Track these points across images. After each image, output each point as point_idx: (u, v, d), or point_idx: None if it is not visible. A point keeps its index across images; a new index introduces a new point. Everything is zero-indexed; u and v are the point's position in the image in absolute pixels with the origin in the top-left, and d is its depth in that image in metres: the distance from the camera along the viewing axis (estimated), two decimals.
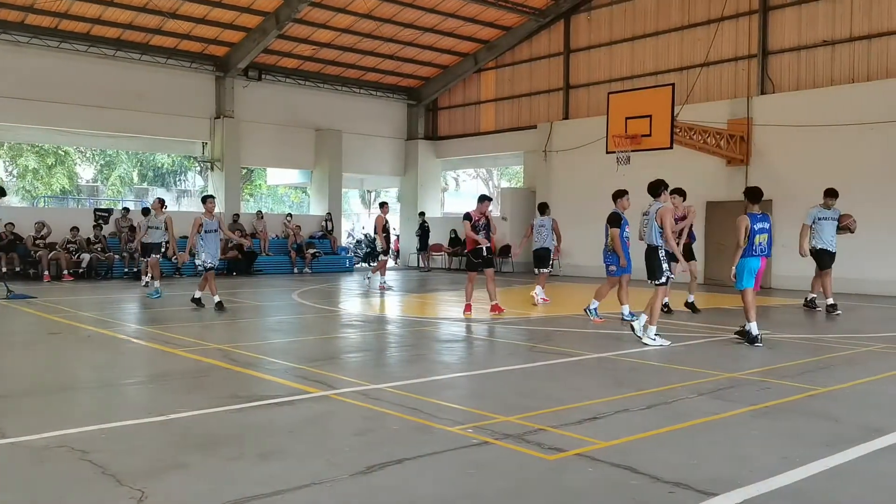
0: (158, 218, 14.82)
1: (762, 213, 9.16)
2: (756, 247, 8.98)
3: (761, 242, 8.99)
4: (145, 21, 20.65)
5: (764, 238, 9.00)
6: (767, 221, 9.14)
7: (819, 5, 17.92)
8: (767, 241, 9.06)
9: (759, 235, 8.94)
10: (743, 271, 9.05)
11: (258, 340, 9.47)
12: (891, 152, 16.05)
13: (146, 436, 5.02)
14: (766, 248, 9.07)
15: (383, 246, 16.99)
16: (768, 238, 9.06)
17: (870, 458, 4.56)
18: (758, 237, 8.95)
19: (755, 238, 8.95)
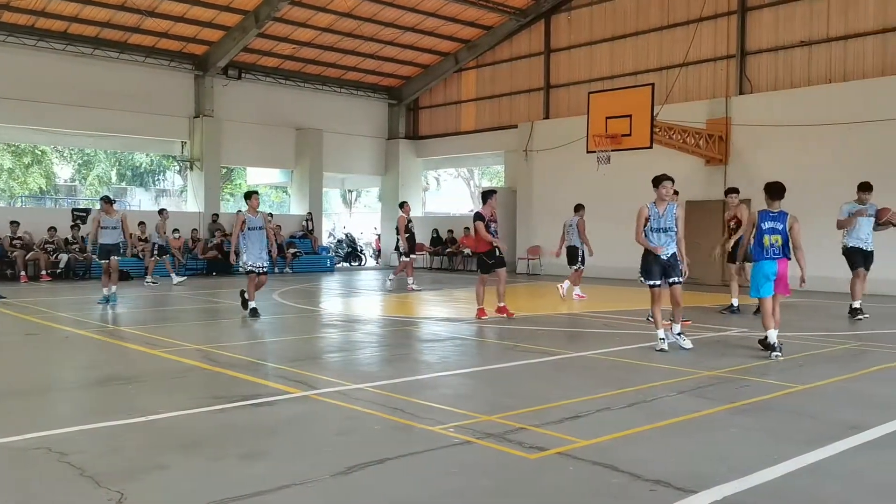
0: (113, 218, 13.56)
1: (780, 211, 8.16)
2: (767, 249, 8.09)
3: (773, 244, 8.07)
4: (123, 19, 20.45)
5: (777, 239, 8.06)
6: (781, 221, 8.10)
7: (796, 6, 18.11)
8: (783, 243, 8.08)
9: (768, 236, 8.07)
10: (757, 276, 8.18)
11: (238, 341, 9.41)
12: (868, 152, 16.25)
13: (125, 437, 4.97)
14: (780, 250, 8.09)
15: (405, 247, 16.85)
16: (783, 240, 8.06)
17: (848, 454, 4.61)
18: (767, 237, 8.07)
19: (764, 239, 8.08)
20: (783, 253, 8.09)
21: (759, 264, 8.13)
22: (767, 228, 8.08)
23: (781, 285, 8.19)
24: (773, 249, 8.05)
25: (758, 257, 8.13)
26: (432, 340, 9.71)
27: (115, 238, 13.42)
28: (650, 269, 8.43)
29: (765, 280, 8.10)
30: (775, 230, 8.07)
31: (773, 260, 8.06)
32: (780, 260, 8.10)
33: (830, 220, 12.94)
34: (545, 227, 22.01)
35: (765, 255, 8.07)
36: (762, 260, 8.09)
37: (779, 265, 8.10)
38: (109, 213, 13.52)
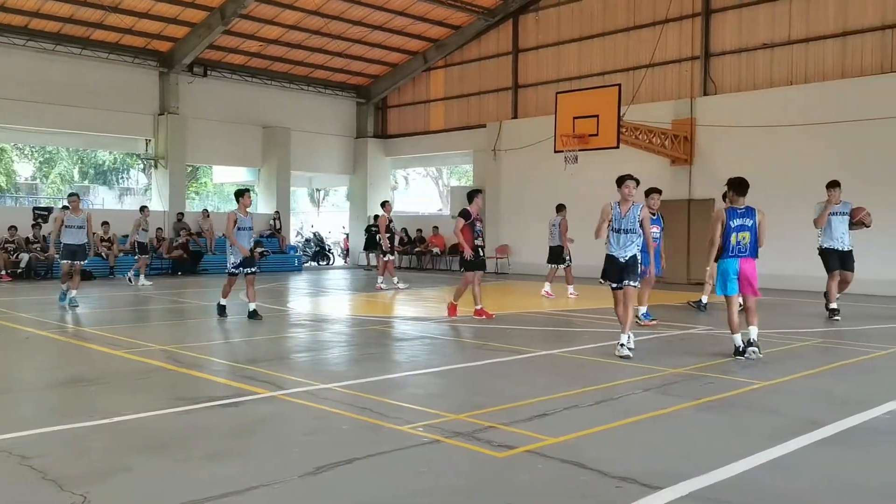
0: (79, 216, 12.73)
1: (746, 207, 7.92)
2: (733, 247, 7.84)
3: (739, 241, 7.82)
4: (86, 15, 20.08)
5: (744, 237, 7.81)
6: (750, 217, 7.86)
7: (759, 9, 18.42)
8: (750, 241, 7.83)
9: (736, 233, 7.82)
10: (721, 274, 7.98)
11: (204, 341, 9.30)
12: (828, 153, 16.58)
13: (89, 439, 4.88)
14: (746, 248, 7.84)
15: (387, 246, 16.74)
16: (751, 237, 7.82)
17: (809, 449, 4.71)
18: (734, 235, 7.82)
19: (731, 236, 7.83)
20: (749, 252, 7.83)
21: (722, 262, 7.94)
22: (736, 226, 7.83)
23: (748, 286, 7.90)
24: (740, 247, 7.82)
25: (723, 255, 7.92)
26: (401, 340, 9.70)
27: (81, 238, 12.69)
28: (607, 270, 8.19)
29: (726, 279, 7.91)
30: (744, 227, 7.82)
31: (735, 258, 7.83)
32: (745, 259, 7.84)
33: (793, 218, 13.21)
34: (513, 226, 22.14)
35: (729, 252, 7.84)
36: (726, 258, 7.89)
37: (741, 264, 7.84)
38: (76, 211, 12.79)
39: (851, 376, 7.13)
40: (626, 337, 7.94)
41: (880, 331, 10.39)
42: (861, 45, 16.96)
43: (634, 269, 8.08)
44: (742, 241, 7.80)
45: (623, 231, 8.03)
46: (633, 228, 8.03)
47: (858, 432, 5.09)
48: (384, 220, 16.75)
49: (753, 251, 7.87)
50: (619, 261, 8.04)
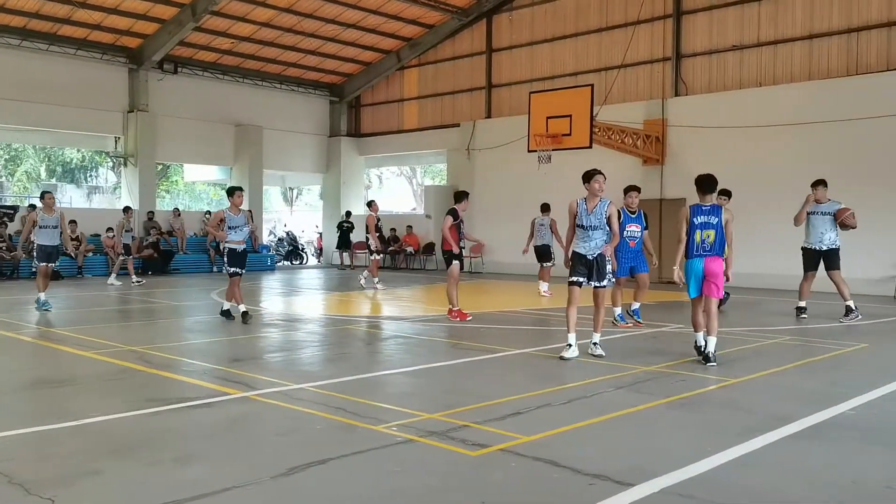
0: (53, 216, 12.03)
1: (712, 205, 7.58)
2: (697, 245, 7.51)
3: (704, 240, 7.47)
4: (53, 10, 19.74)
5: (709, 235, 7.45)
6: (716, 215, 7.50)
7: (729, 11, 18.66)
8: (716, 240, 7.46)
9: (700, 231, 7.49)
10: (688, 275, 7.63)
11: (175, 341, 9.19)
12: (795, 153, 16.86)
13: (57, 442, 4.80)
14: (711, 246, 7.47)
15: (376, 246, 16.63)
16: (717, 235, 7.46)
17: (777, 445, 4.78)
18: (699, 233, 7.49)
19: (695, 234, 7.50)
20: (715, 250, 7.49)
21: (688, 262, 7.63)
22: (701, 223, 7.51)
23: (711, 285, 7.50)
24: (704, 246, 7.48)
25: (688, 254, 7.61)
26: (375, 339, 9.67)
27: (56, 239, 12.09)
28: (574, 265, 7.88)
29: (691, 279, 7.60)
30: (709, 225, 7.49)
31: (700, 258, 7.51)
32: (711, 258, 7.49)
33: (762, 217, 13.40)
34: (487, 225, 22.15)
35: (694, 252, 7.53)
36: (691, 257, 7.58)
37: (707, 264, 7.48)
38: (49, 210, 12.02)
39: (819, 373, 7.25)
40: (598, 336, 7.92)
41: (847, 328, 10.57)
42: (827, 48, 17.26)
43: (603, 268, 7.83)
44: (707, 240, 7.48)
45: (590, 227, 7.76)
46: (599, 225, 7.74)
47: (825, 428, 5.18)
48: (372, 220, 16.64)
49: (720, 250, 7.51)
50: (587, 258, 7.80)
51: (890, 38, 16.46)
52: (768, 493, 3.93)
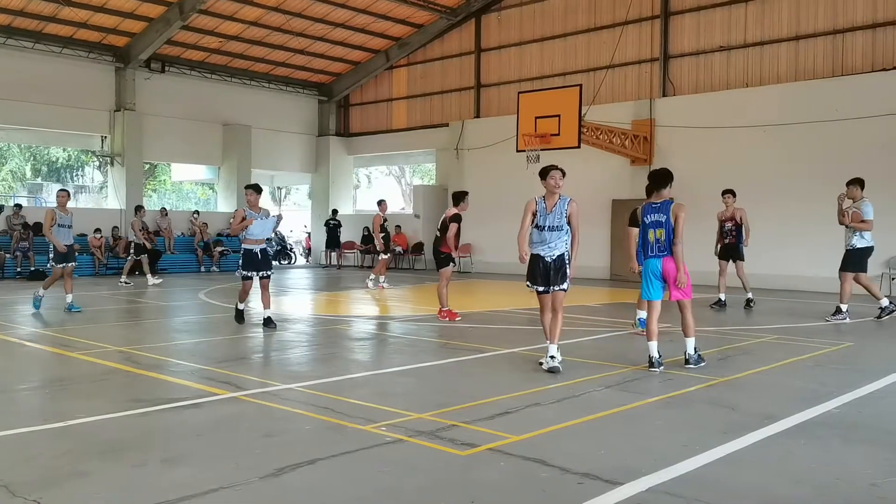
0: (68, 215, 11.82)
1: (663, 201, 7.17)
2: (651, 245, 7.15)
3: (658, 239, 7.09)
4: (38, 8, 19.60)
5: (661, 234, 7.07)
6: (664, 212, 7.09)
7: (716, 12, 18.77)
8: (667, 239, 7.06)
9: (652, 230, 7.12)
10: (644, 277, 7.32)
11: (162, 342, 9.15)
12: (782, 153, 16.99)
13: (42, 444, 4.77)
14: (665, 246, 7.09)
15: (381, 246, 16.56)
16: (666, 234, 7.06)
17: (763, 443, 4.81)
18: (651, 232, 7.12)
19: (647, 233, 7.15)
20: (666, 250, 7.07)
21: (645, 262, 7.25)
22: (651, 222, 7.11)
23: (674, 288, 7.11)
24: (658, 245, 7.07)
25: (644, 255, 7.22)
26: (364, 339, 9.65)
27: (70, 238, 11.81)
28: (532, 272, 7.26)
29: (650, 281, 7.17)
30: (658, 223, 7.07)
31: (657, 258, 7.10)
32: (668, 259, 7.07)
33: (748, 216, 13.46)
34: (476, 225, 22.16)
35: (649, 252, 7.15)
36: (647, 258, 7.19)
37: (665, 264, 7.08)
38: (64, 209, 11.70)
39: (804, 372, 7.30)
40: (555, 348, 7.13)
41: (830, 327, 10.65)
42: (813, 49, 17.40)
43: (563, 270, 7.18)
44: (660, 239, 7.07)
45: (548, 228, 7.16)
46: (560, 225, 7.16)
47: (810, 426, 5.22)
48: (378, 220, 16.58)
49: (670, 249, 7.07)
50: (546, 260, 7.19)
51: (875, 40, 16.61)
52: (754, 491, 3.96)
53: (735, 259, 12.76)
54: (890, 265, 15.66)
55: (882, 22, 16.49)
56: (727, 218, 12.78)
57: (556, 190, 7.22)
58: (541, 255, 7.22)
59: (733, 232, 12.71)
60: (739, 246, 12.76)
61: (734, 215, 12.73)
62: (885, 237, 15.79)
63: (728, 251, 12.82)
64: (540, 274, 7.22)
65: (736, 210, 12.75)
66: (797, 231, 16.60)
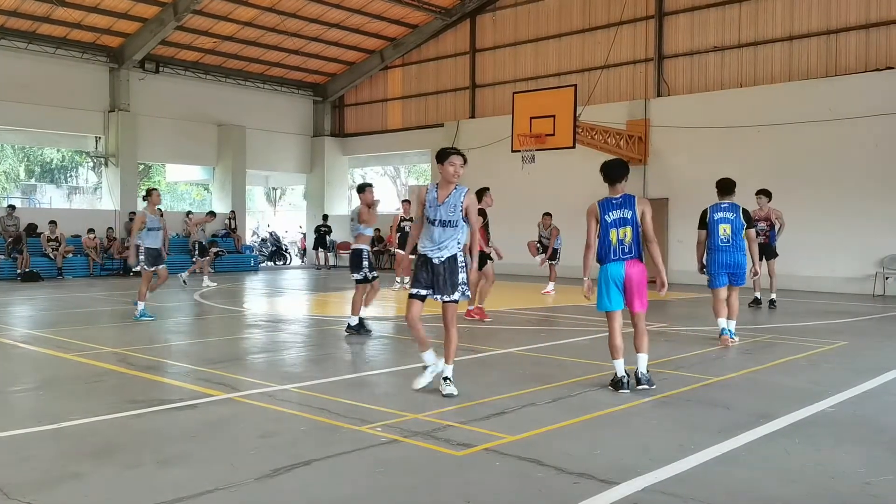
0: (157, 216, 11.18)
1: (624, 195, 6.25)
2: (614, 247, 6.15)
3: (622, 239, 6.13)
4: (32, 8, 19.54)
5: (626, 233, 6.12)
6: (630, 207, 6.16)
7: (710, 13, 18.81)
8: (633, 238, 6.13)
9: (615, 230, 6.15)
10: (600, 284, 6.26)
11: (157, 343, 9.12)
12: (776, 153, 17.03)
13: (36, 445, 4.75)
14: (630, 248, 6.13)
15: (394, 246, 16.59)
16: (633, 233, 6.13)
17: (758, 442, 4.82)
18: (614, 232, 6.15)
19: (609, 234, 6.16)
20: (633, 252, 6.18)
21: (602, 268, 6.26)
22: (614, 220, 6.15)
23: (636, 297, 6.19)
24: (623, 248, 6.13)
25: (603, 258, 6.24)
26: (359, 340, 9.64)
27: (159, 241, 11.20)
28: (415, 273, 6.07)
29: (609, 288, 6.21)
30: (625, 221, 6.14)
31: (619, 262, 6.16)
32: (632, 262, 6.17)
33: None
34: None
35: (612, 255, 6.18)
36: (606, 262, 6.21)
37: (628, 269, 6.16)
38: (154, 210, 11.20)
39: (799, 371, 7.32)
40: (450, 369, 6.05)
41: (825, 326, 10.69)
42: (806, 49, 17.45)
43: (453, 277, 5.97)
44: (625, 239, 6.13)
45: (439, 222, 6.00)
46: (453, 219, 6.00)
47: (805, 425, 5.23)
48: (397, 219, 16.53)
49: (638, 251, 6.20)
50: (433, 262, 5.98)
51: (868, 40, 16.66)
52: (749, 490, 3.97)
53: (769, 258, 12.80)
54: (883, 265, 15.71)
55: (875, 22, 16.55)
56: (761, 218, 12.75)
57: (453, 179, 6.08)
58: (428, 256, 6.02)
59: (766, 231, 12.76)
60: (772, 244, 12.85)
61: (769, 215, 12.81)
62: (877, 237, 15.89)
63: (761, 250, 12.54)
64: (424, 277, 6.02)
65: (771, 210, 12.83)
66: (792, 230, 16.62)
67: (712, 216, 8.66)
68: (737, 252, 8.70)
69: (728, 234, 8.55)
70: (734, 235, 8.58)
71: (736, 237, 8.61)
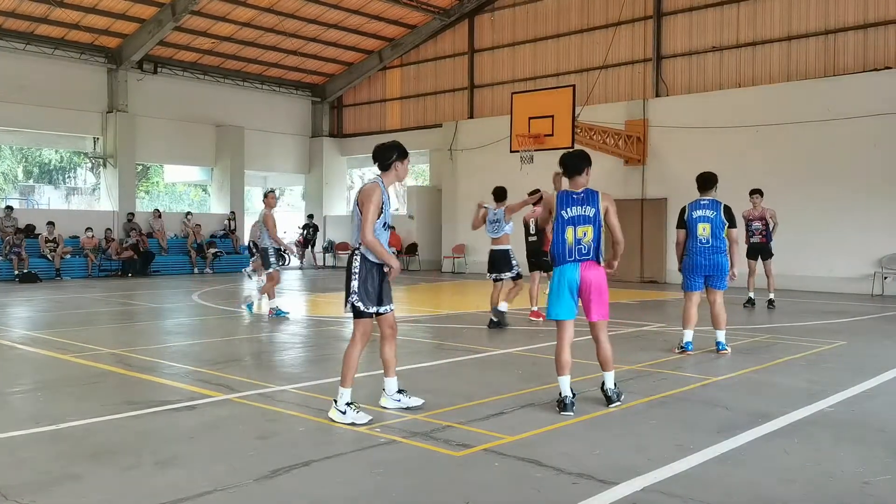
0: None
1: (586, 190, 5.64)
2: (568, 248, 5.55)
3: (580, 240, 5.54)
4: (30, 9, 19.52)
5: (585, 232, 5.53)
6: (592, 205, 5.57)
7: (708, 13, 18.81)
8: (593, 239, 5.55)
9: (573, 227, 5.55)
10: (553, 288, 5.66)
11: (155, 344, 9.12)
12: (774, 153, 17.04)
13: (34, 447, 4.74)
14: (588, 250, 5.55)
15: None
16: (594, 234, 5.55)
17: (757, 442, 4.82)
18: (570, 230, 5.55)
19: (566, 231, 5.56)
20: (592, 253, 5.59)
21: (556, 270, 5.65)
22: (570, 217, 5.56)
23: (594, 304, 5.63)
24: (581, 249, 5.55)
25: (557, 259, 5.64)
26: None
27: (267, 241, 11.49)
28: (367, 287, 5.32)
29: (561, 293, 5.60)
30: (584, 219, 5.55)
31: (574, 264, 5.57)
32: (588, 264, 5.59)
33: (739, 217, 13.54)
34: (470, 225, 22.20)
35: (567, 256, 5.57)
36: (561, 263, 5.61)
37: (583, 271, 5.58)
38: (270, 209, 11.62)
39: (797, 371, 7.32)
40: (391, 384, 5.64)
41: (824, 326, 10.69)
42: (805, 49, 17.46)
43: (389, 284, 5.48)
44: (584, 239, 5.55)
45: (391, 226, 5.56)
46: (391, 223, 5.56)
47: (804, 425, 5.23)
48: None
49: (597, 253, 5.61)
50: (383, 270, 5.37)
51: (866, 40, 16.67)
52: (748, 490, 3.97)
53: (764, 258, 12.86)
54: (882, 264, 15.72)
55: (873, 22, 16.56)
56: (756, 217, 12.85)
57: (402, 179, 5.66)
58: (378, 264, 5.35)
59: (762, 231, 12.80)
60: (769, 244, 12.87)
61: (763, 214, 12.83)
62: (876, 237, 15.90)
63: (757, 250, 12.92)
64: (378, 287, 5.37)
65: (765, 210, 12.87)
66: (790, 230, 16.65)
67: (690, 214, 7.90)
68: (716, 254, 7.88)
69: (707, 235, 7.79)
70: (713, 236, 7.82)
71: (716, 237, 7.83)
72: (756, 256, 12.97)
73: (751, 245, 12.92)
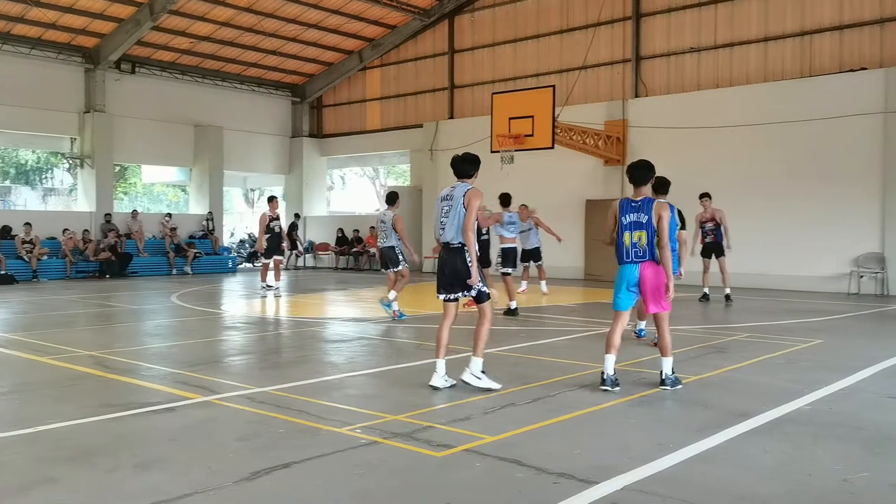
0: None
1: (644, 198, 6.18)
2: (626, 250, 6.18)
3: (635, 243, 6.14)
4: (6, 8, 19.25)
5: (640, 237, 6.12)
6: (646, 212, 6.10)
7: (686, 14, 18.97)
8: (648, 243, 6.11)
9: (630, 232, 6.12)
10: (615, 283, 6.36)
11: (134, 346, 9.03)
12: (752, 152, 17.22)
13: (11, 450, 4.68)
14: (644, 252, 6.13)
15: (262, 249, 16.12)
16: (648, 238, 6.11)
17: (737, 440, 4.86)
18: (627, 234, 6.14)
19: (623, 236, 6.18)
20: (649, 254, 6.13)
21: (619, 268, 6.28)
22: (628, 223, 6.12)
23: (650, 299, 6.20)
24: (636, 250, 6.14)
25: (619, 260, 6.28)
26: (338, 341, 9.61)
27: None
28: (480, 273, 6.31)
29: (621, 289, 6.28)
30: (638, 224, 6.07)
31: (635, 264, 6.17)
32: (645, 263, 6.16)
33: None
34: None
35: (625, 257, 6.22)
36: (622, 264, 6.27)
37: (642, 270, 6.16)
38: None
39: (776, 369, 7.40)
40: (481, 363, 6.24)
41: (801, 325, 10.81)
42: (781, 51, 17.65)
43: None
44: (638, 243, 6.15)
45: None
46: None
47: (782, 423, 5.29)
48: (265, 219, 14.84)
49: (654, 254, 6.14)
50: None
51: (842, 41, 16.89)
52: (728, 489, 4.00)
53: (717, 255, 13.65)
54: (858, 263, 15.92)
55: (849, 23, 16.78)
56: (707, 219, 13.70)
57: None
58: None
59: (713, 231, 13.64)
60: (720, 243, 13.62)
61: (714, 216, 13.63)
62: (852, 236, 16.11)
63: (710, 249, 13.73)
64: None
65: (715, 211, 13.65)
66: (767, 229, 16.84)
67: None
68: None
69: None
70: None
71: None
72: (710, 255, 13.75)
73: (705, 245, 13.73)
